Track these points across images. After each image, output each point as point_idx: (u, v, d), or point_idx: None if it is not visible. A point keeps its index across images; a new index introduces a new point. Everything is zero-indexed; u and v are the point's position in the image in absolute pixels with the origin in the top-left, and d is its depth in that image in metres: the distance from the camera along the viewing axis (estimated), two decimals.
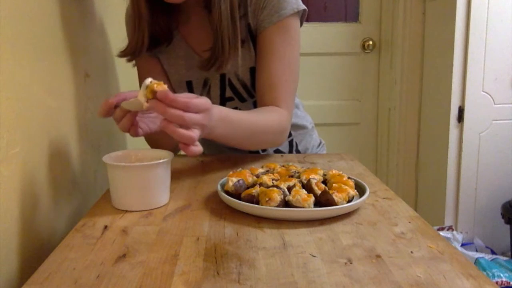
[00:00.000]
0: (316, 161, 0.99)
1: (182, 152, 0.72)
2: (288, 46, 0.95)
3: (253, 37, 0.98)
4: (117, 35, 1.23)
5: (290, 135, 1.12)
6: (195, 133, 0.70)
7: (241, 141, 0.90)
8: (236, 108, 1.04)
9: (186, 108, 0.68)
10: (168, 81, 1.07)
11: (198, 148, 0.71)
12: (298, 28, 0.98)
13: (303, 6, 0.97)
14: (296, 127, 1.12)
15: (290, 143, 1.13)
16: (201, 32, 1.01)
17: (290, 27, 0.95)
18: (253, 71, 1.00)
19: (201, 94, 0.95)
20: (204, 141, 1.20)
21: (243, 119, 0.87)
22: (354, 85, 2.50)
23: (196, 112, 0.70)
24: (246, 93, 1.03)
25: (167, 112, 0.68)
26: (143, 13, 0.93)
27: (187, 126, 0.69)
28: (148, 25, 0.94)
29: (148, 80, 0.70)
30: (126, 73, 1.07)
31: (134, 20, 0.94)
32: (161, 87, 0.69)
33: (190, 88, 1.06)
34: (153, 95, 0.69)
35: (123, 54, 0.99)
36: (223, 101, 1.04)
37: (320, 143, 1.21)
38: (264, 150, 1.09)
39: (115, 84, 1.23)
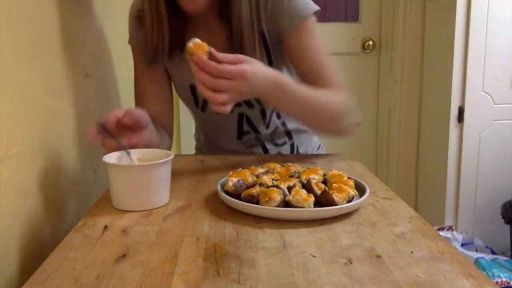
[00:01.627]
0: (316, 161, 0.99)
1: (182, 152, 0.72)
2: (315, 40, 0.99)
3: (266, 44, 1.00)
4: (117, 35, 1.23)
5: (291, 138, 1.13)
6: (222, 97, 0.74)
7: (301, 112, 0.91)
8: (242, 113, 1.06)
9: (218, 74, 0.72)
10: (167, 83, 1.07)
11: (225, 108, 0.75)
12: (315, 24, 1.01)
13: (316, 6, 1.00)
14: (297, 131, 1.13)
15: (292, 146, 1.14)
16: (209, 38, 1.02)
17: (312, 26, 0.99)
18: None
19: (205, 100, 0.96)
20: (204, 141, 1.21)
21: (302, 90, 0.88)
22: (354, 85, 2.49)
23: (229, 78, 0.73)
24: (254, 99, 1.03)
25: (199, 75, 0.73)
26: (162, 14, 0.93)
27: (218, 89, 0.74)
28: (168, 26, 0.95)
29: (192, 42, 0.74)
30: (126, 73, 1.07)
31: (152, 23, 0.94)
32: (200, 48, 0.73)
33: (193, 92, 1.06)
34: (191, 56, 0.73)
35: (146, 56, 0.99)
36: None
37: (319, 146, 1.22)
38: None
39: (115, 84, 1.23)
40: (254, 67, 0.77)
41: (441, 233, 2.01)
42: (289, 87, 0.85)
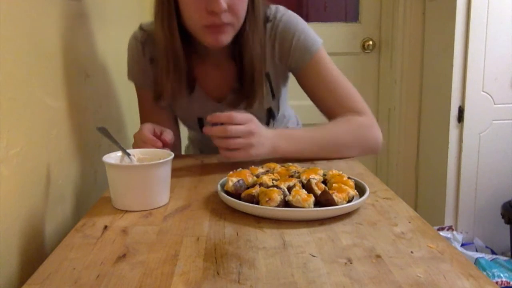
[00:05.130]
0: (316, 161, 0.99)
1: (182, 152, 0.73)
2: (328, 70, 1.03)
3: (270, 81, 1.04)
4: (117, 35, 1.23)
5: None
6: (239, 154, 0.86)
7: (314, 151, 0.97)
8: None
9: (231, 135, 0.85)
10: (169, 116, 1.09)
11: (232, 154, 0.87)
12: (325, 52, 1.04)
13: (319, 40, 1.03)
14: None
15: None
16: (219, 74, 1.04)
17: (323, 56, 1.02)
18: (268, 111, 1.08)
19: None
20: (203, 141, 1.21)
21: (306, 133, 0.97)
22: (354, 85, 2.48)
23: (239, 137, 0.85)
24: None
25: (217, 143, 0.87)
26: (180, 56, 0.96)
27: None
28: (185, 67, 0.97)
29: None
30: (126, 73, 1.07)
31: (167, 63, 0.96)
32: None
33: (201, 124, 1.09)
34: None
35: (156, 97, 1.01)
36: None
37: None
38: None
39: (115, 84, 1.23)
40: (259, 124, 0.89)
41: (441, 233, 2.01)
42: (294, 132, 0.97)
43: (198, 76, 1.04)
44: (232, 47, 0.98)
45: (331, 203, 0.67)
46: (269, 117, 1.10)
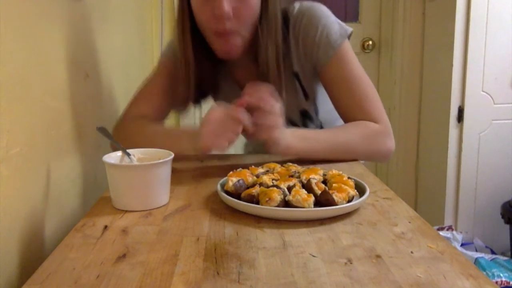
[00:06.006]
0: (316, 161, 0.99)
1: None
2: (352, 66, 0.99)
3: (299, 80, 1.02)
4: (117, 35, 1.23)
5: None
6: (278, 132, 0.84)
7: (327, 155, 0.95)
8: None
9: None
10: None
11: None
12: (351, 48, 1.01)
13: (349, 28, 1.01)
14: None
15: None
16: (243, 76, 1.04)
17: (346, 51, 0.99)
18: (303, 113, 1.06)
19: None
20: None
21: (320, 135, 0.95)
22: None
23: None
24: None
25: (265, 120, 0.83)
26: (190, 60, 0.96)
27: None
28: (195, 73, 0.97)
29: None
30: (126, 73, 1.07)
31: (183, 70, 0.97)
32: None
33: None
34: None
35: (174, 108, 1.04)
36: None
37: None
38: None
39: (115, 84, 1.23)
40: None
41: (441, 233, 2.01)
42: (308, 133, 0.95)
43: (232, 72, 1.05)
44: (250, 51, 0.97)
45: (331, 203, 0.67)
46: (304, 119, 1.08)
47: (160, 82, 1.04)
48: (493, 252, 2.06)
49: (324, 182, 0.76)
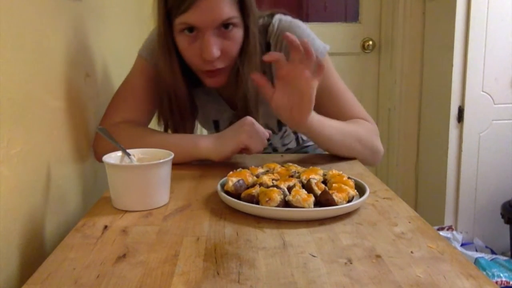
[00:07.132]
0: (316, 161, 0.99)
1: None
2: (332, 79, 1.01)
3: None
4: (117, 35, 1.23)
5: (295, 132, 1.17)
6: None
7: (334, 142, 0.96)
8: None
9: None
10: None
11: None
12: (329, 59, 1.03)
13: (327, 45, 1.03)
14: None
15: (297, 139, 1.18)
16: (229, 84, 1.04)
17: (328, 62, 1.01)
18: (280, 121, 1.08)
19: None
20: None
21: (332, 122, 0.94)
22: (354, 85, 2.48)
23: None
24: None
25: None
26: (182, 95, 0.98)
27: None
28: (185, 104, 1.00)
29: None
30: (126, 73, 1.07)
31: (170, 100, 0.98)
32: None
33: (216, 127, 1.12)
34: None
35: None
36: None
37: None
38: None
39: (115, 84, 1.23)
40: None
41: (441, 233, 2.01)
42: (323, 118, 0.93)
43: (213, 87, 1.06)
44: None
45: (331, 203, 0.67)
46: (280, 125, 1.10)
47: (142, 84, 1.02)
48: (493, 252, 2.06)
49: (324, 182, 0.76)
